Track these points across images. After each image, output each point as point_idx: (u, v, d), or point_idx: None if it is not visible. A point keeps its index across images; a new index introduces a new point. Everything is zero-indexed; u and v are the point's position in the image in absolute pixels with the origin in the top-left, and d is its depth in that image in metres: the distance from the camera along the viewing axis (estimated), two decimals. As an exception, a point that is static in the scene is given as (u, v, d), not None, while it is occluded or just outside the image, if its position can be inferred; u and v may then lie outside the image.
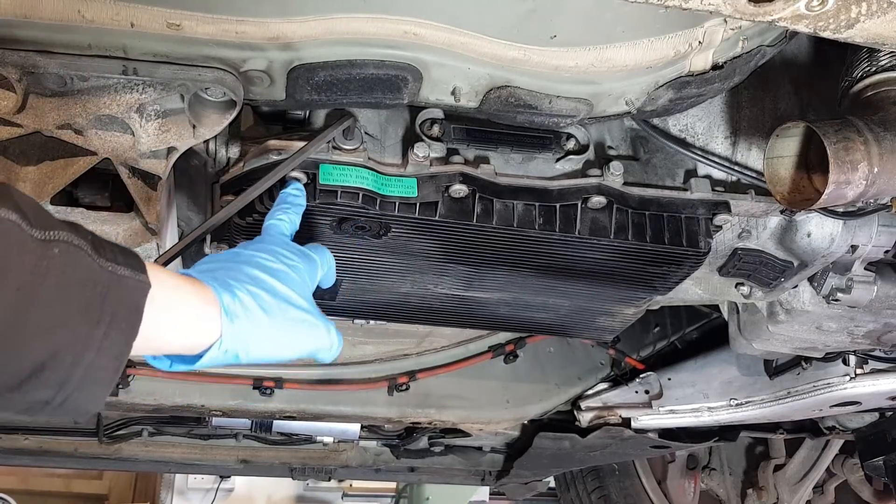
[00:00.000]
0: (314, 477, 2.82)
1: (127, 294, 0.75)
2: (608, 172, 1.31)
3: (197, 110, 1.12)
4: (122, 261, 0.76)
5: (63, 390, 0.72)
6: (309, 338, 0.96)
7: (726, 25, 1.12)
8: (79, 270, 0.71)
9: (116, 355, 0.74)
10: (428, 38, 1.06)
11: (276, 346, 0.93)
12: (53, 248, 0.69)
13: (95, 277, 0.72)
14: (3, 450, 2.50)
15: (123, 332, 0.74)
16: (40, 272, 0.68)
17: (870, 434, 2.40)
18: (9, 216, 0.66)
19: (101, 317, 0.72)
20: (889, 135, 1.09)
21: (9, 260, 0.66)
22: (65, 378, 0.71)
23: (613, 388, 2.34)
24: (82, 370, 0.72)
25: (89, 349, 0.72)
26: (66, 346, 0.70)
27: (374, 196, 1.23)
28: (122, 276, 0.74)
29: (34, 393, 0.71)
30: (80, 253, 0.71)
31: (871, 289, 1.58)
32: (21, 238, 0.67)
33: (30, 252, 0.67)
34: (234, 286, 0.90)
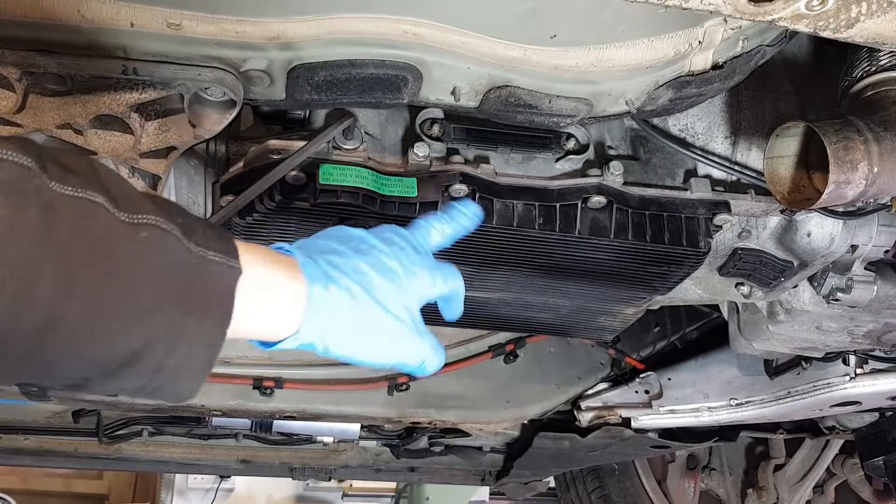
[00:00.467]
0: (314, 477, 2.82)
1: (218, 280, 0.73)
2: (608, 172, 1.31)
3: (197, 110, 1.12)
4: (215, 245, 0.73)
5: (156, 378, 0.70)
6: (396, 351, 0.89)
7: (726, 25, 1.12)
8: (168, 255, 0.69)
9: (211, 343, 0.72)
10: (428, 38, 1.06)
11: (357, 350, 0.86)
12: (141, 231, 0.67)
13: (185, 263, 0.70)
14: (3, 450, 2.50)
15: (217, 320, 0.72)
16: (128, 257, 0.66)
17: (870, 434, 2.39)
18: (95, 198, 0.64)
19: (192, 304, 0.70)
20: (889, 135, 1.09)
21: (95, 243, 0.64)
22: (159, 367, 0.70)
23: (613, 387, 2.34)
24: (177, 360, 0.70)
25: (182, 338, 0.70)
26: (159, 335, 0.68)
27: (374, 196, 1.23)
28: (212, 262, 0.72)
29: (128, 381, 0.70)
30: (169, 237, 0.69)
31: (871, 289, 1.58)
32: (108, 221, 0.65)
33: (117, 236, 0.65)
34: (334, 278, 0.83)
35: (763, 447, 3.17)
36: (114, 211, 0.65)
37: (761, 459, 3.15)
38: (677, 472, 3.20)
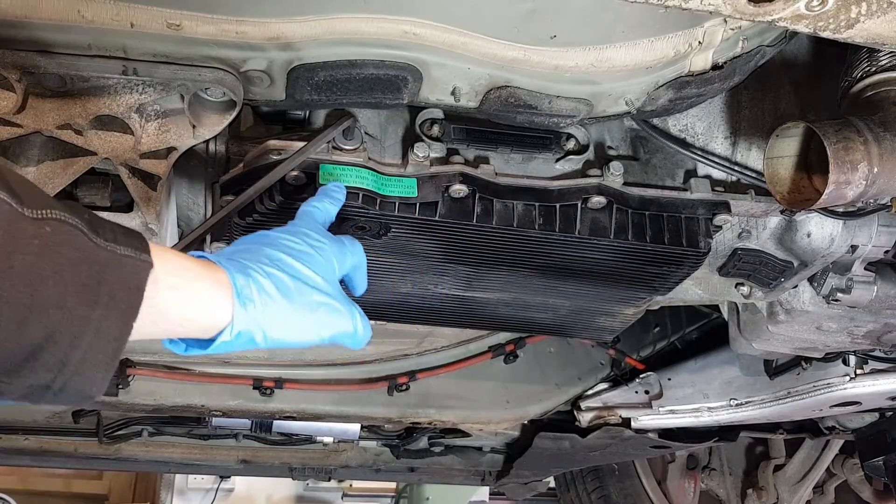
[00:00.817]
0: (314, 477, 2.82)
1: (126, 273, 0.72)
2: (608, 172, 1.31)
3: (197, 110, 1.12)
4: (123, 240, 0.73)
5: (62, 374, 0.70)
6: (330, 322, 0.93)
7: (726, 25, 1.12)
8: (74, 249, 0.69)
9: (116, 337, 0.72)
10: (428, 38, 1.06)
11: (295, 330, 0.89)
12: (45, 226, 0.67)
13: (92, 256, 0.70)
14: (3, 450, 2.50)
15: (123, 313, 0.72)
16: (32, 250, 0.66)
17: (870, 434, 2.40)
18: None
19: (98, 297, 0.70)
20: (889, 135, 1.09)
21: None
22: (63, 360, 0.69)
23: (613, 388, 2.34)
24: (81, 353, 0.70)
25: (87, 331, 0.69)
26: (62, 328, 0.68)
27: (373, 196, 1.23)
28: (121, 256, 0.72)
29: (33, 376, 0.69)
30: (74, 231, 0.69)
31: (871, 289, 1.58)
32: (11, 216, 0.65)
33: (21, 231, 0.65)
34: (251, 268, 0.88)
35: (763, 447, 3.17)
36: (17, 207, 0.65)
37: (761, 459, 3.15)
38: (677, 472, 3.20)
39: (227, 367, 2.07)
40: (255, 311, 0.85)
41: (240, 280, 0.85)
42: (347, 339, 0.97)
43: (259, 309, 0.85)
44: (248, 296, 0.85)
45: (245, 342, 0.86)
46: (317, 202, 1.09)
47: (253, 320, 0.85)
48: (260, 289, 0.87)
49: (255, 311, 0.85)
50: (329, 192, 1.13)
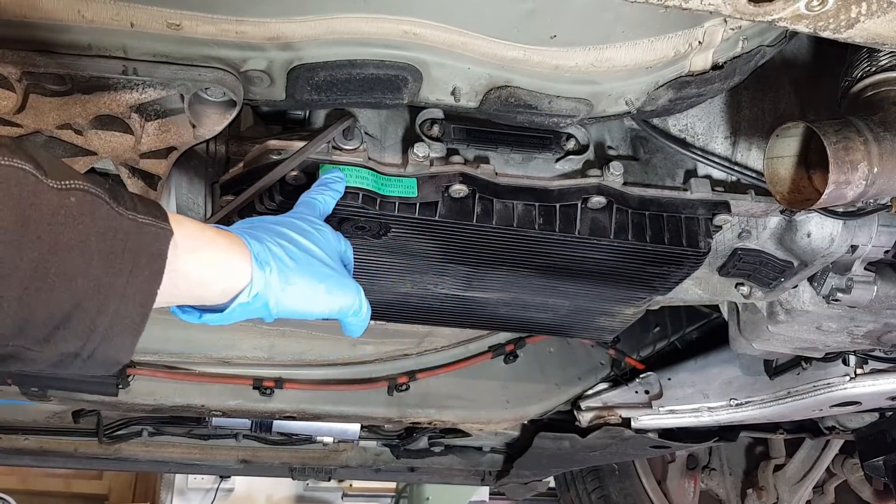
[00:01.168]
0: (314, 477, 2.82)
1: (149, 241, 0.74)
2: (608, 172, 1.31)
3: (197, 110, 1.12)
4: (143, 209, 0.75)
5: (91, 341, 0.72)
6: (337, 295, 0.97)
7: (726, 25, 1.12)
8: (97, 219, 0.70)
9: (142, 302, 0.74)
10: (428, 38, 1.06)
11: (305, 299, 0.93)
12: (70, 196, 0.68)
13: (115, 225, 0.72)
14: (3, 450, 2.50)
15: (147, 280, 0.74)
16: (58, 221, 0.67)
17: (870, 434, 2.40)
18: (23, 165, 0.65)
19: (122, 264, 0.72)
20: (889, 135, 1.09)
21: (25, 209, 0.65)
22: (91, 328, 0.71)
23: (613, 388, 2.34)
24: (108, 319, 0.72)
25: (112, 298, 0.71)
26: (89, 296, 0.70)
27: (373, 196, 1.23)
28: (142, 224, 0.74)
29: (63, 344, 0.71)
30: (97, 201, 0.71)
31: (871, 289, 1.58)
32: (38, 188, 0.66)
33: (46, 201, 0.66)
34: (264, 237, 0.91)
35: (763, 447, 3.17)
36: (42, 178, 0.67)
37: (761, 459, 3.15)
38: (677, 472, 3.20)
39: (227, 367, 2.07)
40: (270, 276, 0.88)
41: (255, 245, 0.89)
42: (352, 317, 1.01)
43: (274, 273, 0.89)
44: (264, 259, 0.89)
45: (259, 307, 0.89)
46: (316, 193, 1.13)
47: (268, 284, 0.88)
48: (274, 255, 0.90)
49: (271, 275, 0.89)
50: (328, 182, 1.16)
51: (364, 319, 1.03)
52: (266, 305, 0.89)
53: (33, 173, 0.66)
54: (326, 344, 2.08)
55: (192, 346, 2.01)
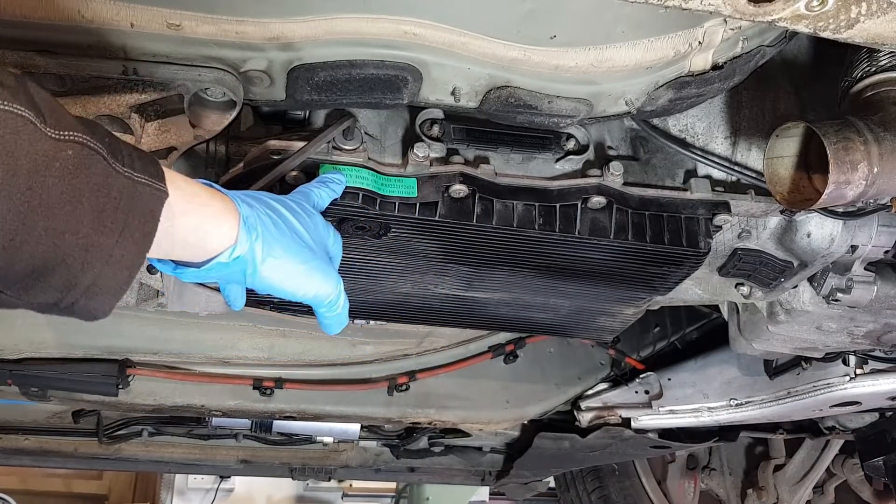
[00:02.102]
0: (314, 477, 2.82)
1: (143, 201, 0.73)
2: (608, 172, 1.31)
3: (197, 110, 1.13)
4: (140, 167, 0.73)
5: (70, 295, 0.70)
6: (316, 279, 0.96)
7: (726, 25, 1.12)
8: (92, 175, 0.68)
9: (128, 265, 0.73)
10: (428, 39, 1.06)
11: (283, 274, 0.92)
12: (67, 148, 0.66)
13: (110, 182, 0.70)
14: (3, 450, 2.50)
15: (137, 241, 0.72)
16: (52, 174, 0.65)
17: (870, 434, 2.40)
18: (23, 112, 0.63)
19: (113, 224, 0.70)
20: (889, 135, 1.09)
21: (18, 158, 0.62)
22: (72, 283, 0.69)
23: (613, 388, 2.34)
24: (91, 277, 0.70)
25: (98, 257, 0.70)
26: (75, 253, 0.68)
27: (373, 196, 1.23)
28: (138, 183, 0.72)
29: (42, 295, 0.69)
30: (95, 156, 0.69)
31: (870, 289, 1.58)
32: (34, 136, 0.64)
33: (42, 151, 0.64)
34: (255, 206, 0.91)
35: (763, 447, 3.17)
36: (41, 126, 0.64)
37: (761, 459, 3.15)
38: (677, 472, 3.20)
39: (227, 367, 2.07)
40: (255, 241, 0.88)
41: (245, 209, 0.89)
42: (326, 308, 0.99)
43: (259, 240, 0.89)
44: (252, 224, 0.88)
45: (236, 272, 0.88)
46: (314, 186, 1.13)
47: (251, 250, 0.88)
48: (262, 223, 0.90)
49: (256, 241, 0.88)
50: (327, 181, 1.15)
51: (340, 315, 1.02)
52: (244, 272, 0.88)
53: (32, 120, 0.64)
54: (326, 344, 2.08)
55: (192, 346, 2.01)
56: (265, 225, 0.91)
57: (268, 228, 0.91)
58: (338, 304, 1.00)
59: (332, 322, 1.03)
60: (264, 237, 0.90)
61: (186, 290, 1.58)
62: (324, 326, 1.04)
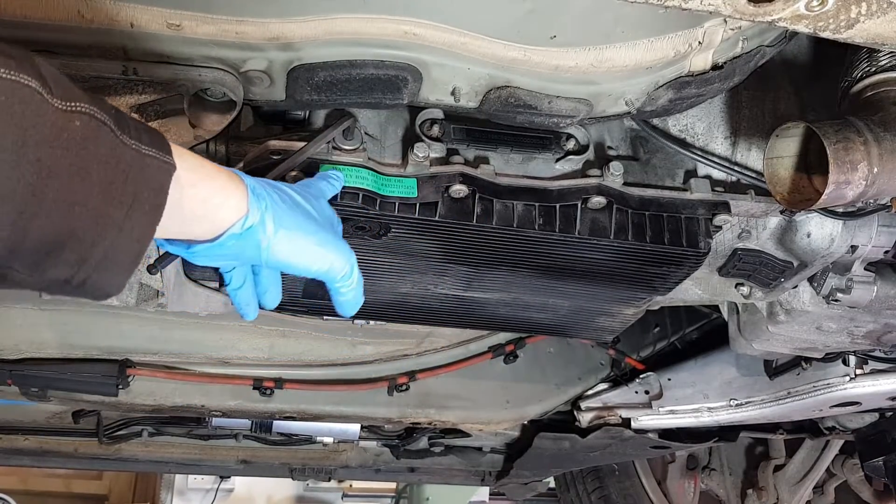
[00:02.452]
0: (314, 477, 2.82)
1: (151, 174, 0.72)
2: (608, 173, 1.31)
3: (197, 110, 1.13)
4: (147, 140, 0.73)
5: (82, 270, 0.70)
6: (328, 253, 0.94)
7: (726, 25, 1.12)
8: (101, 146, 0.67)
9: (139, 238, 0.72)
10: (428, 39, 1.07)
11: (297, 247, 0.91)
12: (75, 119, 0.65)
13: (118, 155, 0.69)
14: (3, 450, 2.50)
15: (146, 214, 0.72)
16: (60, 144, 0.64)
17: (870, 434, 2.40)
18: (29, 82, 0.62)
19: (122, 197, 0.69)
20: (889, 135, 1.09)
21: (27, 129, 0.61)
22: (84, 258, 0.69)
23: (613, 388, 2.34)
24: (102, 251, 0.69)
25: (109, 230, 0.69)
26: (85, 226, 0.67)
27: (373, 196, 1.23)
28: (146, 156, 0.72)
29: (53, 271, 0.68)
30: (103, 128, 0.68)
31: (870, 289, 1.58)
32: (42, 107, 0.63)
33: (50, 123, 0.63)
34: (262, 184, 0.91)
35: (763, 447, 3.17)
36: (48, 97, 0.63)
37: (761, 459, 3.15)
38: (677, 473, 3.20)
39: (227, 367, 2.07)
40: (266, 212, 0.87)
41: (251, 181, 0.88)
42: (341, 282, 0.97)
43: (269, 211, 0.88)
44: (261, 195, 0.88)
45: (251, 245, 0.87)
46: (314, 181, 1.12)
47: (263, 220, 0.87)
48: (270, 195, 0.90)
49: (267, 211, 0.88)
50: (326, 176, 1.15)
51: (356, 291, 1.00)
52: (258, 244, 0.87)
53: (38, 91, 0.63)
54: (326, 344, 2.08)
55: (192, 346, 2.01)
56: (273, 197, 0.90)
57: (276, 200, 0.90)
58: (352, 278, 0.98)
59: (348, 300, 1.00)
60: (274, 208, 0.89)
61: (186, 290, 1.58)
62: (338, 306, 1.01)
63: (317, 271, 0.95)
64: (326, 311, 1.68)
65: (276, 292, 1.05)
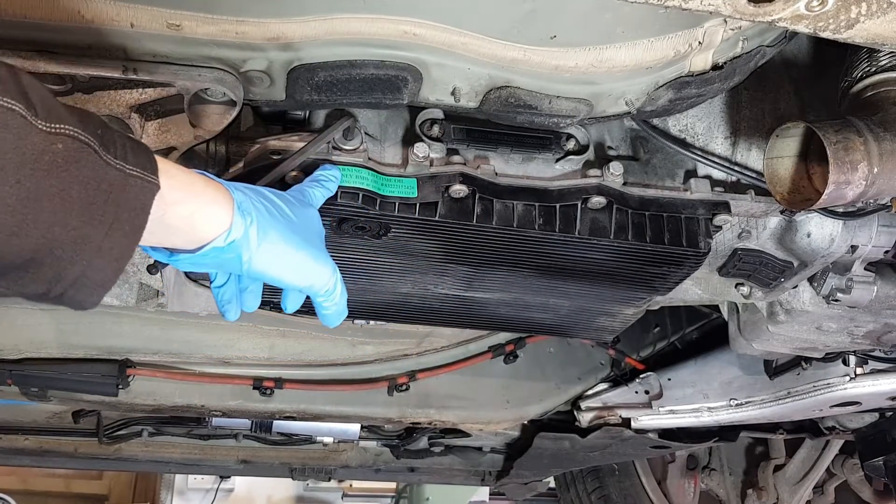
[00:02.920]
0: (314, 477, 2.82)
1: (134, 194, 0.73)
2: (608, 173, 1.31)
3: (197, 110, 1.12)
4: (133, 159, 0.73)
5: (58, 286, 0.71)
6: (311, 268, 0.96)
7: (726, 25, 1.12)
8: (83, 168, 0.68)
9: (117, 257, 0.73)
10: (428, 39, 1.06)
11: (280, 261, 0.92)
12: (57, 142, 0.66)
13: (100, 175, 0.70)
14: (3, 450, 2.50)
15: (126, 235, 0.73)
16: (41, 167, 0.65)
17: (870, 434, 2.40)
18: (13, 106, 0.63)
19: (103, 217, 0.70)
20: (889, 135, 1.09)
21: (7, 152, 0.63)
22: (60, 275, 0.70)
23: (613, 388, 2.34)
24: (79, 269, 0.70)
25: (87, 249, 0.70)
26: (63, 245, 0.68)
27: (373, 196, 1.23)
28: (129, 175, 0.72)
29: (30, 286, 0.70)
30: (86, 150, 0.69)
31: (870, 289, 1.58)
32: (24, 130, 0.64)
33: (32, 145, 0.64)
34: (248, 195, 0.91)
35: (763, 447, 3.17)
36: (32, 119, 0.64)
37: (761, 459, 3.15)
38: (677, 473, 3.20)
39: (227, 367, 2.07)
40: (250, 226, 0.88)
41: (239, 195, 0.89)
42: (324, 297, 0.98)
43: (254, 225, 0.89)
44: (247, 209, 0.88)
45: (232, 258, 0.88)
46: (307, 186, 1.12)
47: (246, 234, 0.88)
48: (257, 209, 0.90)
49: (251, 226, 0.88)
50: (321, 179, 1.15)
51: (338, 305, 1.00)
52: (239, 257, 0.88)
53: (22, 114, 0.64)
54: (326, 344, 2.08)
55: (192, 346, 2.01)
56: (259, 211, 0.91)
57: (262, 214, 0.91)
58: (334, 293, 0.99)
59: (331, 313, 1.01)
60: (259, 222, 0.90)
61: (186, 290, 1.58)
62: (322, 318, 1.03)
63: (298, 285, 0.96)
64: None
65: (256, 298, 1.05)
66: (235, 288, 1.02)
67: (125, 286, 1.62)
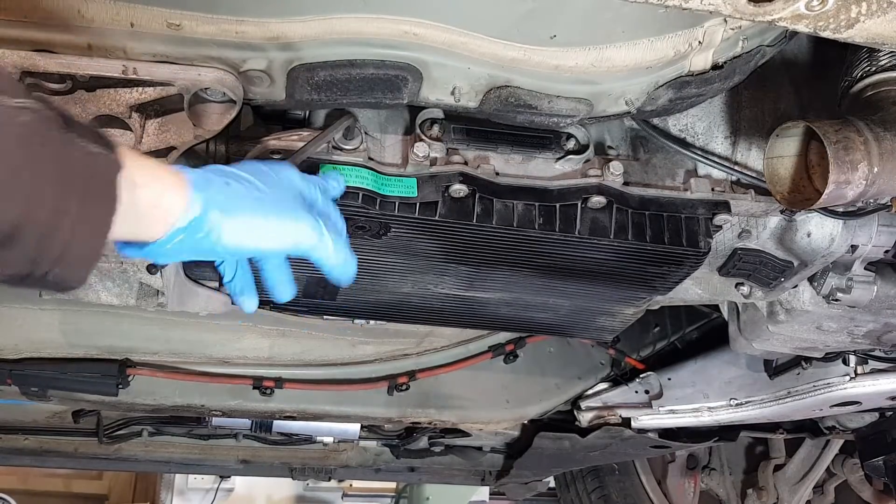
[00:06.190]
0: (314, 477, 2.82)
1: (99, 170, 0.73)
2: (608, 172, 1.31)
3: (197, 110, 1.13)
4: (93, 138, 0.73)
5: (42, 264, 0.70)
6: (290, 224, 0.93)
7: (726, 25, 1.12)
8: (49, 140, 0.68)
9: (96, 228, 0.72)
10: (428, 38, 1.06)
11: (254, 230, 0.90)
12: (22, 115, 0.66)
13: (67, 150, 0.69)
14: (3, 450, 2.50)
15: (101, 206, 0.72)
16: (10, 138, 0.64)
17: (870, 434, 2.40)
18: None
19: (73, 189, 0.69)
20: (889, 135, 1.09)
21: None
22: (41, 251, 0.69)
23: (613, 388, 2.34)
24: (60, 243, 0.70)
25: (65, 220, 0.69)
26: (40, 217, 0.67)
27: (373, 196, 1.23)
28: (93, 153, 0.72)
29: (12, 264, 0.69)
30: (50, 124, 0.68)
31: (871, 289, 1.58)
32: None
33: None
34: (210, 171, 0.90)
35: (763, 447, 3.17)
36: None
37: (761, 459, 3.15)
38: (677, 472, 3.20)
39: (227, 366, 2.07)
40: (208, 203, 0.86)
41: (193, 173, 0.87)
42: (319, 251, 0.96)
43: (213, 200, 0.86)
44: (201, 185, 0.86)
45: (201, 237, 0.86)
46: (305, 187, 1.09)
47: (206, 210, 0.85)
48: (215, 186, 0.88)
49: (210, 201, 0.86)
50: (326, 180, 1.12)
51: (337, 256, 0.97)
52: (208, 235, 0.86)
53: None
54: (326, 344, 2.08)
55: (192, 346, 2.01)
56: (220, 185, 0.89)
57: (221, 190, 0.89)
58: (325, 245, 0.96)
59: (335, 265, 0.98)
60: (221, 196, 0.88)
61: (186, 290, 1.58)
62: (329, 276, 1.00)
63: (283, 249, 0.94)
64: (327, 311, 1.68)
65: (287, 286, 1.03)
66: (245, 281, 1.01)
67: (125, 286, 1.62)
